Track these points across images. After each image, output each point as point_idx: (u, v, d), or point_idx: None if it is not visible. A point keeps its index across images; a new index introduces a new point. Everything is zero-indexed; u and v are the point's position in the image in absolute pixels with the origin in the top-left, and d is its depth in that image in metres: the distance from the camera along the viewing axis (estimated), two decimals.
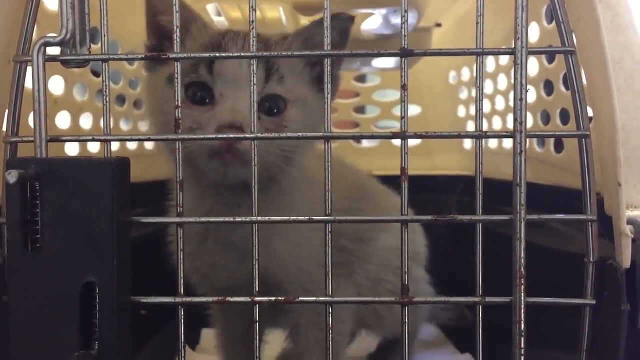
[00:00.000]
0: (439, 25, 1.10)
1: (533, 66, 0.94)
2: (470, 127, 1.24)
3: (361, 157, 1.32)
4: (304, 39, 0.64)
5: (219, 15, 1.06)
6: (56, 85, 0.81)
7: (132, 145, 1.02)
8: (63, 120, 0.84)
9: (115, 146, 0.99)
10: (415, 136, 0.45)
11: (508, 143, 1.07)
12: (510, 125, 0.95)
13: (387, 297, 0.85)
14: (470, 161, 1.23)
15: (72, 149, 0.85)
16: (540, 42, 0.81)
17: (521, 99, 0.44)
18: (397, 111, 1.36)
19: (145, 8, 0.65)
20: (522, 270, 0.45)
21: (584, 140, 0.47)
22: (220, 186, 0.62)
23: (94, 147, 0.90)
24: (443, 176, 1.30)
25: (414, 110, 1.39)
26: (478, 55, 0.45)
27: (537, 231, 0.72)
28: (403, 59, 0.45)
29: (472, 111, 1.22)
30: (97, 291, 0.45)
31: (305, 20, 0.98)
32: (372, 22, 1.02)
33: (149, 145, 1.09)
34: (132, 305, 0.47)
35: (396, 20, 0.96)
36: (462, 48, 0.45)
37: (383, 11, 0.88)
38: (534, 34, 0.91)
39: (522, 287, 0.45)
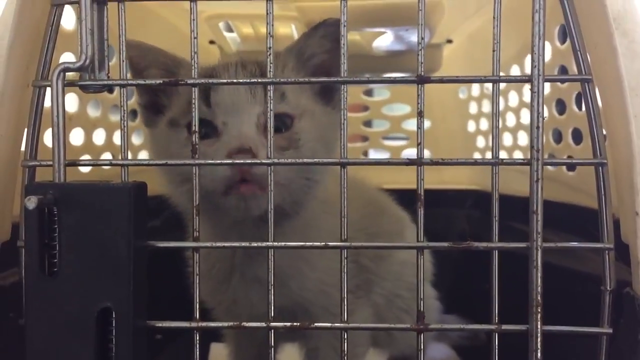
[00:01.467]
0: (449, 41, 1.10)
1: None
2: (480, 142, 1.24)
3: (370, 170, 1.33)
4: (296, 54, 0.63)
5: (231, 30, 1.07)
6: (70, 102, 0.82)
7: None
8: (77, 137, 0.85)
9: (107, 157, 0.99)
10: (432, 163, 0.45)
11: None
12: (520, 142, 0.95)
13: (400, 314, 0.85)
14: (479, 175, 1.24)
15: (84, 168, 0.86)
16: (552, 62, 0.81)
17: (538, 127, 0.44)
18: (406, 125, 1.36)
19: (130, 68, 0.63)
20: (539, 298, 0.44)
21: (600, 168, 0.46)
22: (243, 224, 0.60)
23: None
24: (452, 190, 1.30)
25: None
26: (494, 82, 0.45)
27: (549, 250, 0.72)
28: (419, 85, 0.45)
29: (482, 126, 1.22)
30: (114, 316, 0.45)
31: None
32: (383, 39, 1.03)
33: (143, 157, 1.09)
34: (148, 329, 0.47)
35: (408, 37, 0.96)
36: (478, 75, 0.45)
37: (394, 29, 0.88)
38: (546, 53, 0.91)
39: (539, 315, 0.44)
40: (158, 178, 0.63)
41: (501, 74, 0.46)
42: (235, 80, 0.50)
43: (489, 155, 1.20)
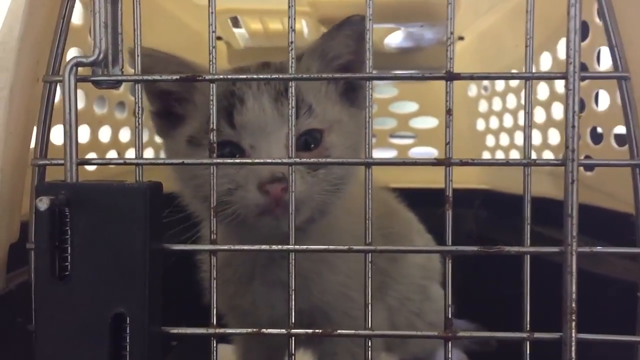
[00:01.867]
0: (461, 38, 1.08)
1: (560, 83, 0.93)
2: (490, 140, 1.22)
3: (377, 169, 1.31)
4: (320, 54, 0.61)
5: (238, 26, 1.05)
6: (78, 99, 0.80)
7: (129, 155, 1.00)
8: (83, 134, 0.83)
9: (113, 155, 0.97)
10: (461, 163, 0.43)
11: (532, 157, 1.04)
12: (535, 141, 0.92)
13: (411, 317, 0.83)
14: (487, 175, 1.22)
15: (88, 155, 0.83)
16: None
17: (573, 126, 0.42)
18: (413, 123, 1.34)
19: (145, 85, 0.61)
20: (574, 305, 0.42)
21: (637, 169, 0.44)
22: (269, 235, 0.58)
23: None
24: (459, 189, 1.28)
25: (430, 122, 1.37)
26: (527, 79, 0.43)
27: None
28: (448, 82, 0.43)
29: (492, 124, 1.20)
30: (128, 322, 0.43)
31: None
32: (394, 36, 1.01)
33: (147, 155, 1.07)
34: (163, 335, 0.45)
35: (420, 34, 0.94)
36: (510, 72, 0.43)
37: (408, 25, 0.86)
38: (562, 52, 0.89)
39: (573, 322, 0.43)
40: (173, 181, 0.60)
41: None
42: (255, 77, 0.48)
43: (498, 154, 1.19)
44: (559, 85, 0.91)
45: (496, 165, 0.46)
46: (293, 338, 0.45)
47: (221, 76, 0.44)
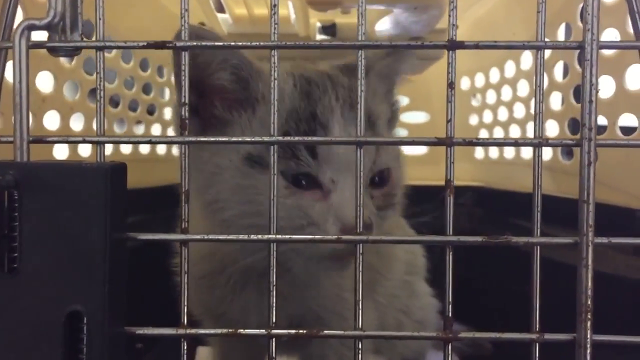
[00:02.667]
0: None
1: (559, 71, 0.88)
2: (483, 135, 1.18)
3: None
4: (385, 75, 0.58)
5: (222, 11, 1.00)
6: (44, 81, 0.74)
7: (126, 149, 0.95)
8: (51, 121, 0.77)
9: (107, 150, 0.92)
10: (464, 143, 0.38)
11: (527, 153, 1.00)
12: (530, 133, 0.88)
13: (398, 315, 0.79)
14: (480, 171, 1.18)
15: (60, 153, 0.78)
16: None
17: (591, 101, 0.37)
18: (404, 117, 1.30)
19: (192, 66, 0.53)
20: (589, 302, 0.38)
21: None
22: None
23: (85, 151, 0.83)
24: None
25: (421, 117, 1.33)
26: (539, 49, 0.38)
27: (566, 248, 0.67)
28: (450, 52, 0.38)
29: (486, 119, 1.16)
30: (85, 321, 0.37)
31: (316, 17, 0.92)
32: (382, 23, 0.96)
33: (144, 149, 1.02)
34: (126, 337, 0.40)
35: (411, 18, 0.89)
36: (519, 41, 0.38)
37: (401, 8, 0.81)
38: (561, 34, 0.85)
39: (589, 322, 0.38)
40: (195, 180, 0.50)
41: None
42: (241, 44, 0.42)
43: (492, 153, 1.15)
44: (558, 73, 0.87)
45: (504, 146, 0.41)
46: (274, 339, 0.40)
47: (194, 43, 0.39)
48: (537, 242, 0.39)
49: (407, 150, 1.26)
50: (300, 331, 0.40)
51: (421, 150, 1.26)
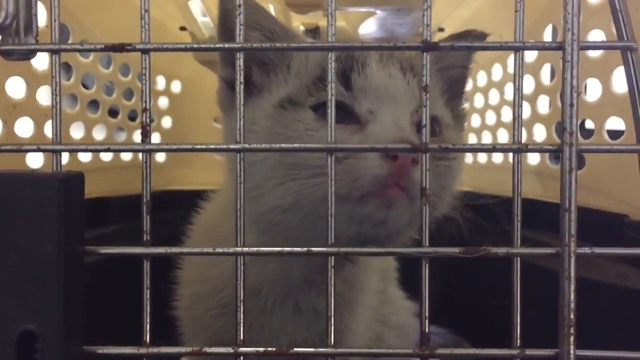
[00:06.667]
0: (441, 29, 1.02)
1: (546, 73, 0.87)
2: (472, 139, 1.16)
3: None
4: (435, 62, 0.57)
5: (204, 15, 0.98)
6: (15, 87, 0.72)
7: (106, 156, 0.93)
8: (24, 128, 0.75)
9: (86, 157, 0.90)
10: (440, 149, 0.36)
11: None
12: (502, 139, 0.87)
13: (376, 326, 0.76)
14: (468, 176, 1.16)
15: (35, 162, 0.75)
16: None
17: (572, 104, 0.35)
18: None
19: (220, 25, 0.51)
20: (572, 316, 0.36)
21: None
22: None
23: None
24: None
25: None
26: (517, 50, 0.37)
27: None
28: (425, 53, 0.36)
29: (474, 123, 1.14)
30: (39, 341, 0.35)
31: (297, 19, 0.90)
32: (368, 25, 0.94)
33: (126, 156, 0.99)
34: (84, 357, 0.38)
35: (395, 20, 0.88)
36: (498, 42, 0.37)
37: (384, 10, 0.79)
38: (548, 36, 0.84)
39: (572, 337, 0.36)
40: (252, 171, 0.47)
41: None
42: (211, 46, 0.40)
43: (481, 157, 1.13)
44: (545, 76, 0.86)
45: (481, 152, 0.39)
46: (241, 358, 0.38)
47: (154, 45, 0.37)
48: (517, 253, 0.37)
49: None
50: (269, 349, 0.38)
51: None
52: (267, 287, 0.57)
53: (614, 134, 0.70)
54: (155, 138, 1.19)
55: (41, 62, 0.72)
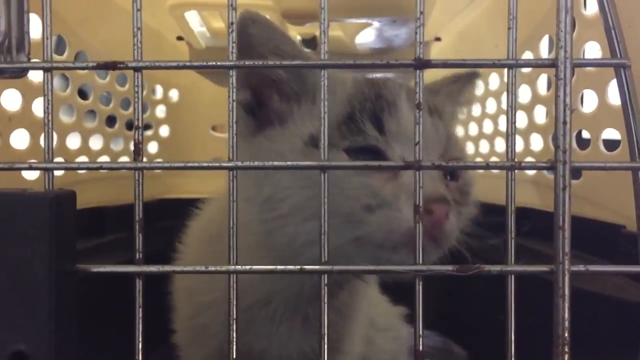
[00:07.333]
0: (438, 39, 1.02)
1: (542, 83, 0.87)
2: (469, 148, 1.16)
3: None
4: (450, 95, 0.59)
5: (201, 26, 0.98)
6: (11, 99, 0.72)
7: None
8: (20, 139, 0.75)
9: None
10: (433, 167, 0.36)
11: None
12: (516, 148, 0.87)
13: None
14: None
15: (30, 175, 0.75)
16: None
17: (565, 122, 0.35)
18: None
19: (241, 47, 0.49)
20: (566, 335, 0.36)
21: (639, 173, 0.38)
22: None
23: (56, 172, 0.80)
24: None
25: None
26: (510, 67, 0.37)
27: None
28: (418, 71, 0.36)
29: (471, 131, 1.14)
30: None
31: (296, 30, 0.90)
32: (365, 35, 0.94)
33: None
34: None
35: (392, 31, 0.88)
36: (491, 59, 0.37)
37: (380, 20, 0.80)
38: (544, 47, 0.84)
39: (566, 355, 0.36)
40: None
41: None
42: (201, 63, 0.40)
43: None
44: (542, 86, 0.86)
45: (473, 169, 0.39)
46: None
47: (147, 63, 0.37)
48: (510, 271, 0.37)
49: None
50: None
51: None
52: (278, 298, 0.56)
53: (611, 144, 0.70)
54: (153, 147, 1.19)
55: (37, 74, 0.72)
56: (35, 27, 0.40)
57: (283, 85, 0.51)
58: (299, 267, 0.37)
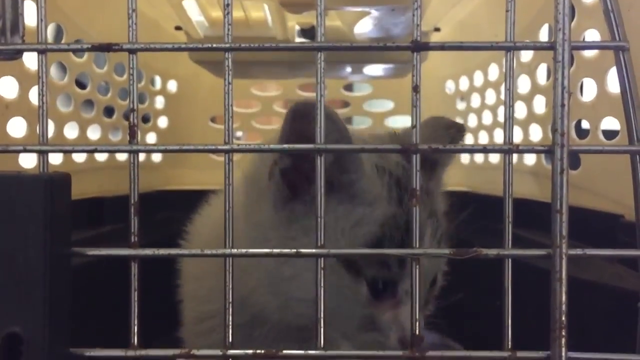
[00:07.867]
0: (437, 29, 1.02)
1: (542, 73, 0.86)
2: (469, 140, 1.16)
3: None
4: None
5: (200, 15, 0.97)
6: (7, 87, 0.71)
7: (101, 156, 0.92)
8: (17, 128, 0.74)
9: (81, 157, 0.90)
10: (430, 150, 0.36)
11: (513, 157, 0.97)
12: (515, 137, 0.87)
13: None
14: (465, 176, 1.15)
15: (28, 162, 0.75)
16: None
17: (563, 105, 0.35)
18: (390, 122, 1.28)
19: (289, 134, 0.46)
20: (563, 318, 0.35)
21: (638, 157, 0.38)
22: None
23: (56, 159, 0.80)
24: None
25: (408, 121, 1.31)
26: (508, 50, 0.36)
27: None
28: (415, 53, 0.36)
29: (470, 123, 1.14)
30: (24, 344, 0.35)
31: (294, 20, 0.89)
32: (364, 25, 0.94)
33: (121, 156, 0.99)
34: (71, 359, 0.37)
35: (391, 20, 0.87)
36: (489, 42, 0.36)
37: (379, 10, 0.79)
38: (544, 35, 0.83)
39: (563, 339, 0.36)
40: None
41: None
42: (202, 46, 0.40)
43: (478, 157, 1.13)
44: (541, 76, 0.85)
45: (472, 152, 0.39)
46: None
47: (142, 45, 0.37)
48: (508, 255, 0.37)
49: None
50: (259, 351, 0.38)
51: None
52: (271, 320, 0.57)
53: (610, 134, 0.69)
54: (152, 138, 1.18)
55: (33, 62, 0.72)
56: (30, 14, 0.40)
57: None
58: (295, 250, 0.37)
